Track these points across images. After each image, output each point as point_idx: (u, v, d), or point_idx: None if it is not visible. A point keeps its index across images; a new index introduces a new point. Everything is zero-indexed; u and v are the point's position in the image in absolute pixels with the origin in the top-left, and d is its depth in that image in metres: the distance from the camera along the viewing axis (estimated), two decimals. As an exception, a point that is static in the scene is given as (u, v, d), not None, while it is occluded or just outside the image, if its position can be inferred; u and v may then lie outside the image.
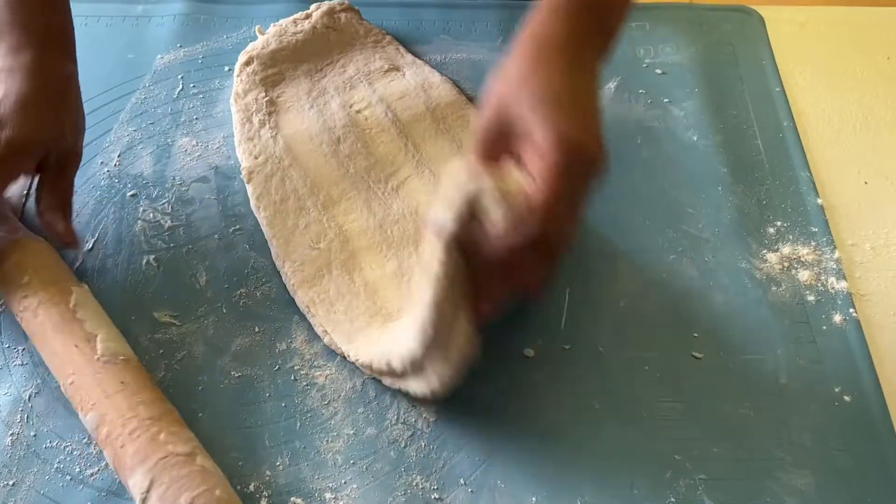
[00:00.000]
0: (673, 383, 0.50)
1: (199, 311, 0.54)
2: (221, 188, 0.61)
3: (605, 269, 0.56)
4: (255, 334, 0.52)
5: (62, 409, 0.49)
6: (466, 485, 0.46)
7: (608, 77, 0.68)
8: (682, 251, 0.57)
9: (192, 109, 0.66)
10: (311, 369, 0.51)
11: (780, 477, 0.46)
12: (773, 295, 0.54)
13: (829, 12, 0.75)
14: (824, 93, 0.68)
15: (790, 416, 0.48)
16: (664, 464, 0.47)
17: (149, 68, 0.69)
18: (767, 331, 0.52)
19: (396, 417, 0.49)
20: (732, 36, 0.72)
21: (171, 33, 0.72)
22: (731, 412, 0.49)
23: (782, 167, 0.62)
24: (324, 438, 0.48)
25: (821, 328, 0.52)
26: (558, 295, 0.54)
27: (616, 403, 0.49)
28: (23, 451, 0.47)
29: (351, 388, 0.50)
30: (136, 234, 0.58)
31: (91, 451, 0.47)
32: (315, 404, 0.49)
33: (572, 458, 0.47)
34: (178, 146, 0.63)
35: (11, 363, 0.51)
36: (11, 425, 0.48)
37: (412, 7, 0.75)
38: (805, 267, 0.55)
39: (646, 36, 0.72)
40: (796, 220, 0.58)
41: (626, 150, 0.63)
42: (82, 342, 0.46)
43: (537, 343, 0.52)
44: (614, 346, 0.52)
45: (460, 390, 0.49)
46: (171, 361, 0.51)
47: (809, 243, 0.57)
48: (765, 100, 0.67)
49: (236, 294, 0.54)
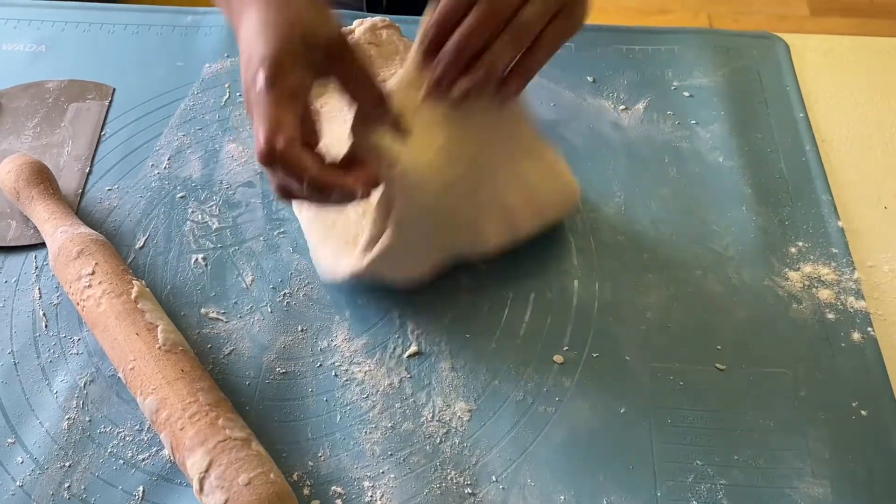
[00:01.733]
0: (696, 393, 0.52)
1: (245, 309, 0.56)
2: (266, 193, 0.63)
3: (633, 282, 0.58)
4: (298, 333, 0.55)
5: (115, 397, 0.52)
6: (498, 482, 0.48)
7: (637, 97, 0.71)
8: (707, 267, 0.59)
9: (239, 117, 0.69)
10: (350, 365, 0.53)
11: (799, 486, 0.48)
12: (794, 312, 0.56)
13: (853, 42, 0.78)
14: (846, 119, 0.71)
15: (809, 428, 0.50)
16: (686, 469, 0.49)
17: (197, 76, 0.73)
18: (788, 346, 0.55)
19: (432, 415, 0.51)
20: (758, 62, 0.74)
21: (218, 43, 0.76)
22: (752, 422, 0.51)
23: (804, 190, 0.64)
24: (362, 430, 0.50)
25: (839, 345, 0.55)
26: (587, 305, 0.57)
27: (641, 410, 0.52)
28: (78, 434, 0.50)
29: (388, 385, 0.52)
30: (185, 234, 0.61)
31: (143, 437, 0.50)
32: (354, 398, 0.52)
33: (599, 460, 0.49)
34: (226, 152, 0.66)
35: (68, 352, 0.54)
36: (68, 410, 0.51)
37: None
38: (825, 286, 0.58)
39: (674, 59, 0.74)
40: (817, 241, 0.61)
41: (655, 168, 0.66)
42: (144, 331, 0.49)
43: (566, 351, 0.54)
44: (640, 356, 0.54)
45: (492, 392, 0.52)
46: (218, 356, 0.54)
47: (830, 264, 0.59)
48: (788, 124, 0.69)
49: (280, 294, 0.57)
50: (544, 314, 0.56)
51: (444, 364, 0.54)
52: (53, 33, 0.76)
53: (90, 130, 0.68)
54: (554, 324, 0.56)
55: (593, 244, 0.61)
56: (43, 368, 0.53)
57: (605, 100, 0.71)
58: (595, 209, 0.63)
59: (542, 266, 0.59)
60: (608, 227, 0.62)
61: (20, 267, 0.59)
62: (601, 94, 0.71)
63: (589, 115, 0.70)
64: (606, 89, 0.72)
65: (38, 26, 0.77)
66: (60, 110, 0.69)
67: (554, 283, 0.58)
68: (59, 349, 0.54)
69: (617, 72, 0.73)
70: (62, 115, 0.69)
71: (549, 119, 0.69)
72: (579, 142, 0.68)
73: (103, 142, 0.67)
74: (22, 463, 0.49)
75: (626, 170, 0.66)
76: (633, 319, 0.56)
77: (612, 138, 0.68)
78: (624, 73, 0.73)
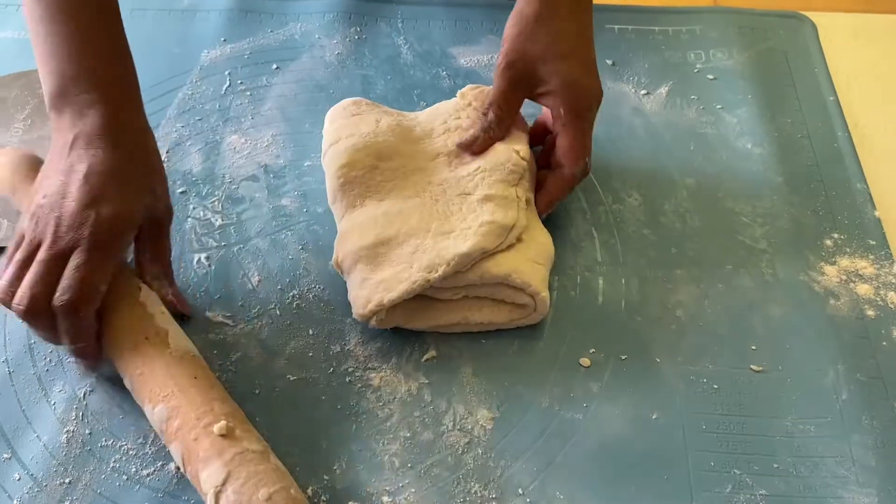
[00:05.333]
0: (731, 396, 0.50)
1: (253, 311, 0.53)
2: (272, 187, 0.60)
3: (661, 278, 0.55)
4: (310, 337, 0.52)
5: (116, 408, 0.49)
6: (524, 495, 0.45)
7: (659, 81, 0.67)
8: (738, 262, 0.56)
9: (241, 107, 0.66)
10: (365, 371, 0.50)
11: (844, 496, 0.45)
12: (831, 308, 0.53)
13: (882, 20, 0.74)
14: (878, 101, 0.67)
15: (852, 434, 0.48)
16: (724, 478, 0.46)
17: (195, 63, 0.69)
18: (826, 345, 0.52)
19: (453, 423, 0.48)
20: (785, 42, 0.71)
21: (217, 28, 0.72)
22: (792, 428, 0.48)
23: (838, 178, 0.61)
24: (380, 440, 0.47)
25: (880, 344, 0.52)
26: (613, 304, 0.54)
27: (674, 415, 0.49)
28: (78, 449, 0.47)
29: (406, 392, 0.50)
30: (186, 232, 0.58)
31: (147, 451, 0.47)
32: (371, 406, 0.49)
33: (631, 470, 0.47)
34: (227, 144, 0.63)
35: (65, 359, 0.51)
36: (66, 423, 0.48)
37: (459, 6, 0.74)
38: (864, 280, 0.55)
39: (696, 40, 0.71)
40: (853, 232, 0.58)
41: (680, 156, 0.62)
42: (153, 335, 0.46)
43: (592, 353, 0.51)
44: (671, 358, 0.51)
45: (516, 398, 0.49)
46: (225, 363, 0.51)
47: (868, 256, 0.56)
48: (818, 108, 0.66)
49: (289, 296, 0.54)
50: (568, 314, 0.53)
51: (465, 369, 0.51)
52: (43, 19, 0.72)
53: (84, 122, 0.64)
54: (579, 324, 0.53)
55: (618, 238, 0.57)
56: (39, 378, 0.50)
57: (625, 84, 0.68)
58: (618, 200, 0.60)
59: (563, 262, 0.56)
60: (633, 220, 0.58)
61: (12, 269, 0.55)
62: (621, 79, 0.68)
63: (609, 100, 0.65)
64: (626, 73, 0.68)
65: (27, 12, 0.73)
66: (52, 101, 0.66)
67: (578, 280, 0.55)
68: (55, 357, 0.51)
69: (637, 55, 0.70)
70: (54, 105, 0.65)
71: (567, 105, 0.66)
72: (599, 130, 0.63)
73: (98, 134, 0.64)
74: (19, 480, 0.46)
75: (649, 158, 0.62)
76: (662, 319, 0.53)
77: (634, 125, 0.65)
78: (644, 55, 0.70)
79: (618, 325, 0.53)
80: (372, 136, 0.56)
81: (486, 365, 0.51)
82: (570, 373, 0.51)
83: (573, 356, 0.51)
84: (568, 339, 0.52)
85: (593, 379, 0.50)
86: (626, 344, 0.52)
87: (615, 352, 0.51)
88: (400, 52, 0.70)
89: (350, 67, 0.69)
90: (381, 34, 0.72)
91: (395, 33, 0.72)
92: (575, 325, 0.53)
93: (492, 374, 0.50)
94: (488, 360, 0.51)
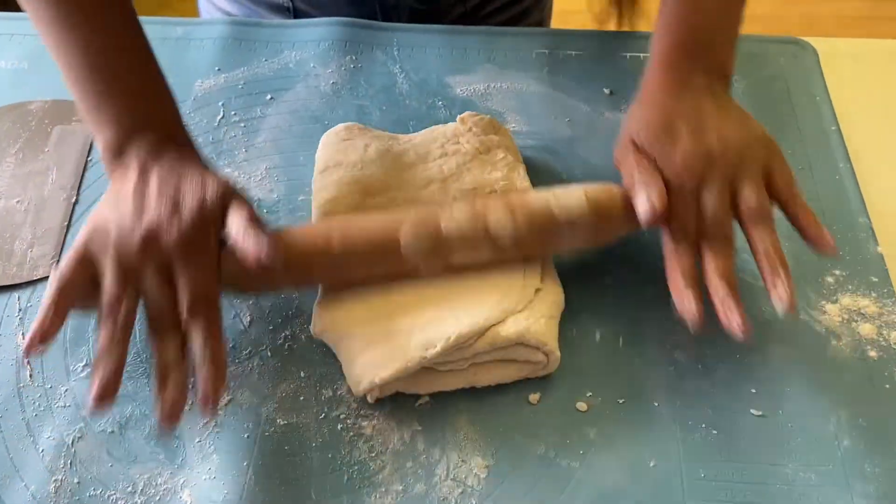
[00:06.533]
0: (731, 442, 0.49)
1: (244, 353, 0.53)
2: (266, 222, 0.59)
3: (658, 317, 0.54)
4: (301, 380, 0.51)
5: (105, 455, 0.48)
6: (519, 547, 0.45)
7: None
8: (737, 300, 0.55)
9: (234, 139, 0.65)
10: (357, 419, 0.50)
11: (845, 547, 0.44)
12: (833, 350, 0.52)
13: (885, 45, 0.73)
14: (881, 131, 0.66)
15: (855, 482, 0.47)
16: (723, 529, 0.45)
17: (189, 93, 0.68)
18: (828, 388, 0.51)
19: (446, 473, 0.47)
20: (785, 69, 0.70)
21: (211, 56, 0.71)
22: (793, 475, 0.47)
23: (839, 212, 0.60)
24: (372, 493, 0.47)
25: (883, 387, 0.51)
26: (611, 346, 0.53)
27: (673, 463, 0.48)
28: (66, 499, 0.47)
29: (399, 440, 0.49)
30: (178, 270, 0.57)
31: (137, 501, 0.46)
32: (362, 456, 0.48)
33: (628, 520, 0.46)
34: (220, 177, 0.62)
35: (54, 405, 0.50)
36: (55, 471, 0.48)
37: (455, 35, 0.73)
38: (866, 319, 0.54)
39: (695, 68, 0.70)
40: (855, 268, 0.56)
41: (678, 190, 0.61)
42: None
43: (589, 397, 0.51)
44: (670, 402, 0.50)
45: (512, 446, 0.48)
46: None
47: (870, 294, 0.55)
48: (820, 138, 0.65)
49: (281, 336, 0.53)
50: (564, 355, 0.52)
51: (458, 414, 0.50)
52: (36, 48, 0.71)
53: (76, 155, 0.64)
54: (575, 366, 0.52)
55: (614, 273, 0.56)
56: (28, 423, 0.50)
57: (623, 113, 0.67)
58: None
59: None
60: (630, 254, 0.57)
61: (2, 310, 0.55)
62: (619, 108, 0.67)
63: (607, 130, 0.65)
64: (624, 102, 0.67)
65: (20, 41, 0.73)
66: (44, 134, 0.65)
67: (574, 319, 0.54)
68: (45, 401, 0.51)
69: (635, 82, 0.69)
70: (46, 138, 0.65)
71: (564, 136, 0.65)
72: (597, 161, 0.63)
73: (90, 167, 0.63)
74: (6, 531, 0.46)
75: (647, 191, 0.61)
76: (660, 360, 0.52)
77: (632, 157, 0.64)
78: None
79: (616, 367, 0.52)
80: (359, 168, 0.55)
81: (480, 410, 0.50)
82: (566, 417, 0.50)
83: (570, 399, 0.50)
84: (565, 381, 0.51)
85: (590, 424, 0.49)
86: (624, 387, 0.51)
87: (613, 396, 0.50)
88: (396, 82, 0.69)
89: (345, 97, 0.68)
90: (377, 62, 0.71)
91: (390, 61, 0.71)
92: (572, 367, 0.52)
93: (486, 420, 0.49)
94: (482, 405, 0.50)
